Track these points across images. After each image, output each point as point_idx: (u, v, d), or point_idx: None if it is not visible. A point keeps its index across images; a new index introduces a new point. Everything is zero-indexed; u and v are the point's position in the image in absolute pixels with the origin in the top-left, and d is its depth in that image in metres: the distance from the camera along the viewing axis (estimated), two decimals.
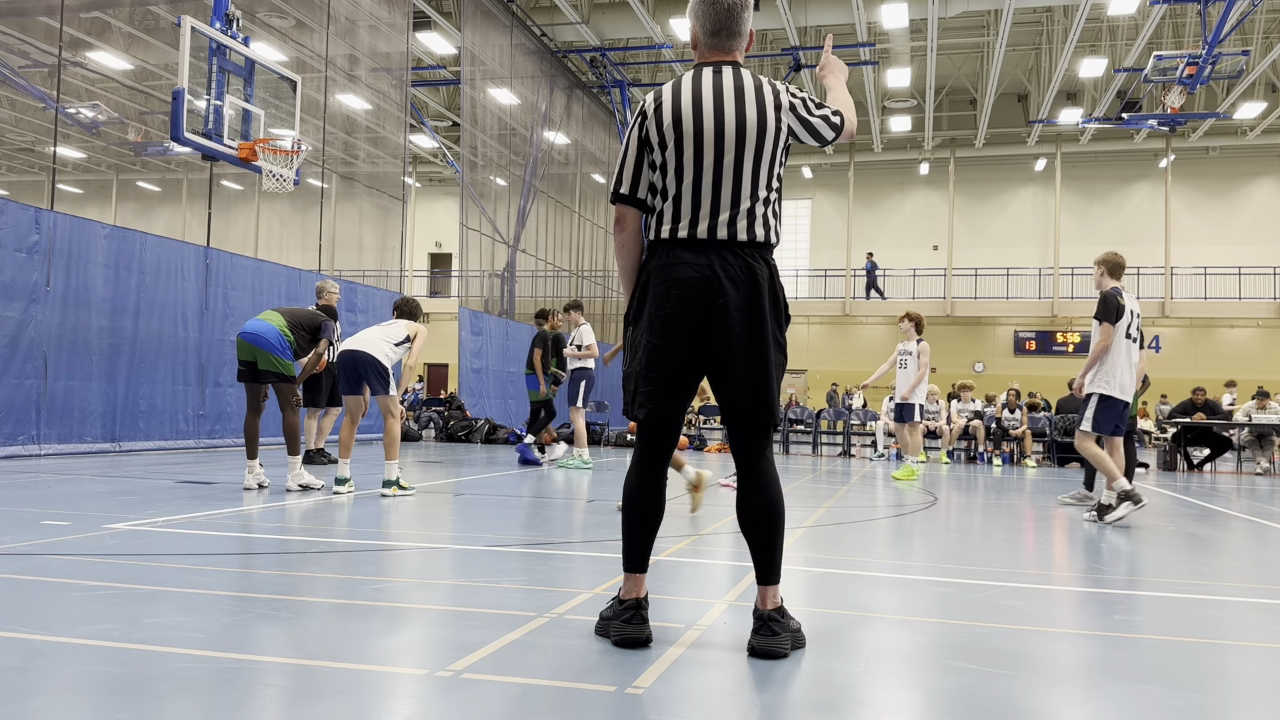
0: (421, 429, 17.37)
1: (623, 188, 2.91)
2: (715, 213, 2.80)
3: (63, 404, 9.88)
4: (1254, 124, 29.16)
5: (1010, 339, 32.23)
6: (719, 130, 2.79)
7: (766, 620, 2.77)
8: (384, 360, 6.84)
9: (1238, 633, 3.44)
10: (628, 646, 2.80)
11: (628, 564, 2.89)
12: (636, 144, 2.89)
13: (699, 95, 2.82)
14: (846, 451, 17.09)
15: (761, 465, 2.84)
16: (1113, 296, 6.84)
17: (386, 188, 18.27)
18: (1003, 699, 2.46)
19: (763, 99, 2.82)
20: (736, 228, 2.79)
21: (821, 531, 5.78)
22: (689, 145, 2.80)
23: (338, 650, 2.71)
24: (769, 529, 2.81)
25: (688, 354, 2.81)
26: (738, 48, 2.94)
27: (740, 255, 2.79)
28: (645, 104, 2.90)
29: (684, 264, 2.79)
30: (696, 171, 2.80)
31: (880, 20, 20.64)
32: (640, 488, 2.89)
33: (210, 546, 4.46)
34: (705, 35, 2.92)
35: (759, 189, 2.82)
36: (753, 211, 2.81)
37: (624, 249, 2.95)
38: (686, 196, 2.81)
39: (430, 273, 37.19)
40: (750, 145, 2.79)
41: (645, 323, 2.84)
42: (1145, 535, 6.27)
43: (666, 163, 2.83)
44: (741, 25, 2.92)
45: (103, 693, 2.28)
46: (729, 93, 2.82)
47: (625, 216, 2.92)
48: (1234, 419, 15.23)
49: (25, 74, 18.49)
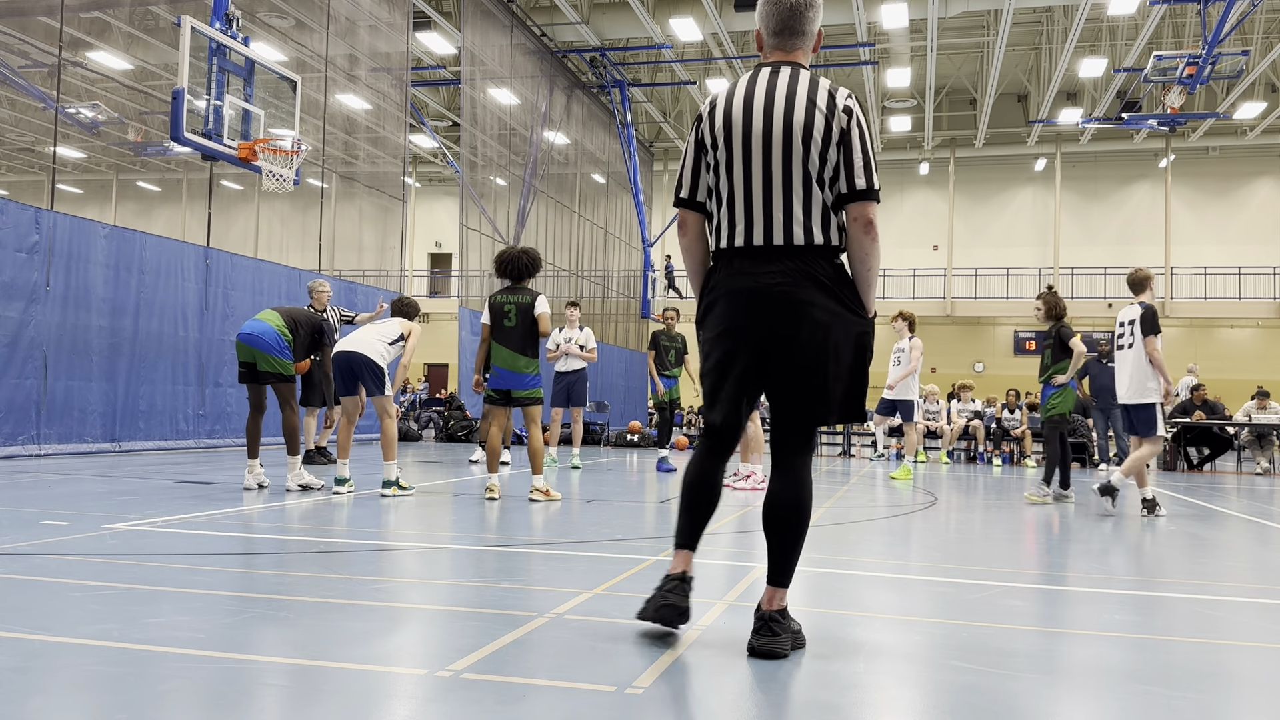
0: (421, 429, 17.37)
1: (683, 192, 2.91)
2: (769, 219, 2.76)
3: (63, 404, 9.88)
4: (1254, 124, 29.16)
5: (1010, 339, 32.23)
6: (766, 131, 2.75)
7: (768, 620, 2.77)
8: (379, 360, 6.84)
9: (1238, 633, 3.44)
10: (663, 612, 2.84)
11: (679, 540, 2.97)
12: (695, 147, 2.89)
13: (751, 96, 2.79)
14: (846, 451, 17.09)
15: (796, 465, 2.84)
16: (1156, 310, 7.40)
17: (386, 188, 18.26)
18: (1003, 699, 2.46)
19: (814, 101, 2.73)
20: (792, 233, 2.75)
21: (821, 531, 5.78)
22: (738, 148, 2.78)
23: (337, 650, 2.71)
24: (792, 529, 2.80)
25: (751, 360, 2.81)
26: (800, 47, 2.89)
27: (796, 260, 2.75)
28: (704, 106, 2.90)
29: (743, 274, 2.79)
30: (746, 175, 2.78)
31: (880, 20, 20.63)
32: (703, 472, 2.96)
33: (210, 546, 4.46)
34: (768, 35, 2.90)
35: (811, 193, 2.74)
36: (808, 216, 2.74)
37: (688, 252, 2.98)
38: (740, 202, 2.79)
39: (430, 273, 37.19)
40: (797, 149, 2.72)
41: (712, 332, 2.88)
42: (1145, 535, 6.28)
43: (719, 164, 2.82)
44: (805, 25, 2.88)
45: (103, 693, 2.28)
46: (780, 93, 2.76)
47: (686, 220, 2.94)
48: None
49: (25, 74, 18.48)
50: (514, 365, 6.80)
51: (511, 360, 6.80)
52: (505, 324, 6.82)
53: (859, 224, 2.75)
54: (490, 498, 6.85)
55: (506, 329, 6.81)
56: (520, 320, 6.79)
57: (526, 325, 6.80)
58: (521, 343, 6.80)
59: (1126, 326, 7.43)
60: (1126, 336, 7.40)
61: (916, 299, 32.24)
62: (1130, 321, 7.40)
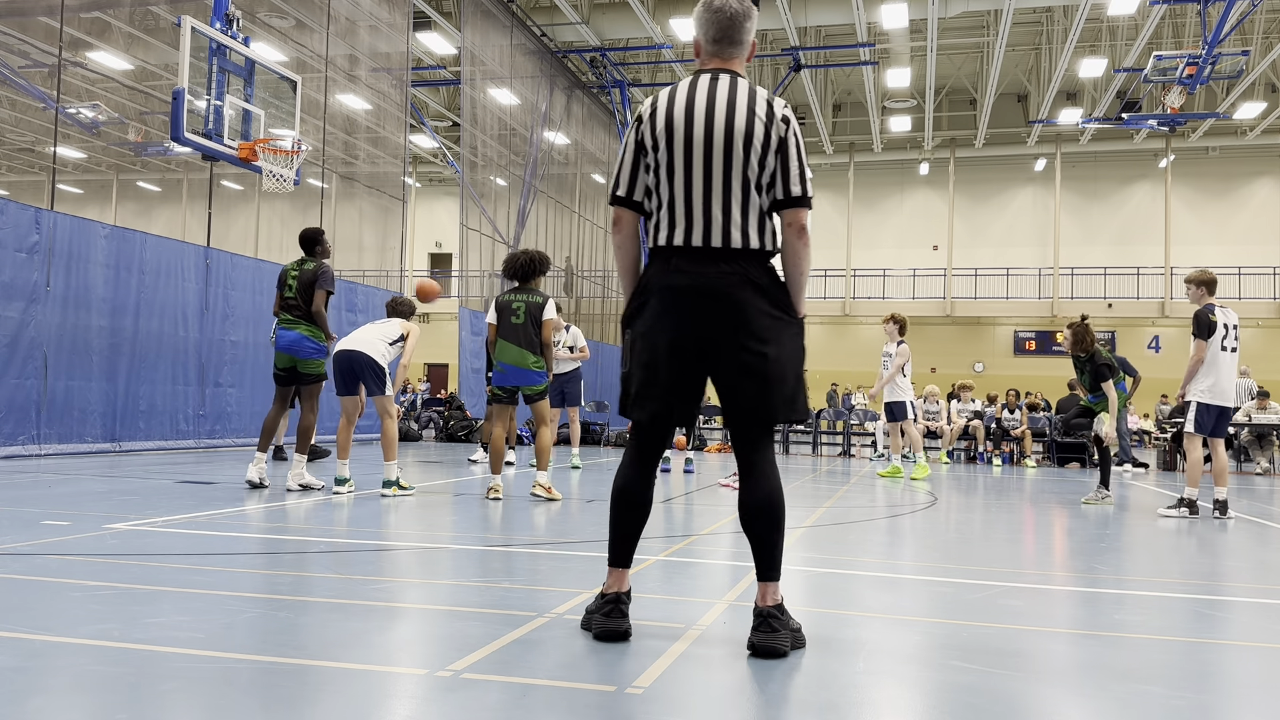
0: (422, 429, 17.37)
1: (620, 190, 2.94)
2: (707, 221, 2.82)
3: (63, 404, 9.88)
4: (1254, 124, 29.16)
5: (1010, 339, 32.23)
6: (708, 137, 2.81)
7: (766, 617, 2.79)
8: (380, 360, 6.85)
9: (1238, 633, 3.44)
10: (606, 639, 2.85)
11: (612, 558, 2.95)
12: (634, 147, 2.92)
13: (692, 101, 2.85)
14: (846, 451, 17.09)
15: (761, 462, 2.88)
16: (1204, 314, 7.31)
17: (386, 188, 18.26)
18: (1003, 699, 2.46)
19: (754, 109, 2.82)
20: (730, 236, 2.82)
21: (821, 531, 5.78)
22: (679, 151, 2.83)
23: (338, 650, 2.71)
24: (769, 525, 2.84)
25: (685, 360, 2.85)
26: (737, 56, 2.96)
27: (734, 263, 2.82)
28: (643, 108, 2.94)
29: (680, 272, 2.83)
30: (687, 178, 2.83)
31: (880, 20, 20.63)
32: (630, 485, 2.95)
33: (210, 546, 4.46)
34: (707, 43, 2.96)
35: (750, 198, 2.83)
36: (745, 220, 2.82)
37: (621, 250, 3.00)
38: (680, 203, 2.85)
39: (430, 273, 37.18)
40: (738, 154, 2.80)
41: (644, 328, 2.89)
42: (1145, 535, 6.28)
43: (659, 166, 2.87)
44: (743, 35, 2.95)
45: (103, 693, 2.28)
46: (721, 100, 2.83)
47: (621, 219, 2.96)
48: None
49: (25, 74, 18.48)
50: (522, 362, 6.80)
51: (520, 357, 6.80)
52: (513, 320, 6.82)
53: (793, 229, 2.85)
54: (494, 498, 6.85)
55: (514, 325, 6.82)
56: (528, 318, 6.81)
57: (535, 323, 6.81)
58: (529, 340, 6.80)
59: (1233, 330, 7.40)
60: (1231, 339, 7.39)
61: (916, 299, 32.24)
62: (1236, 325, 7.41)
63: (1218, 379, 7.30)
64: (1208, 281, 7.44)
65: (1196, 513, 7.31)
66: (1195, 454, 7.42)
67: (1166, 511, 7.33)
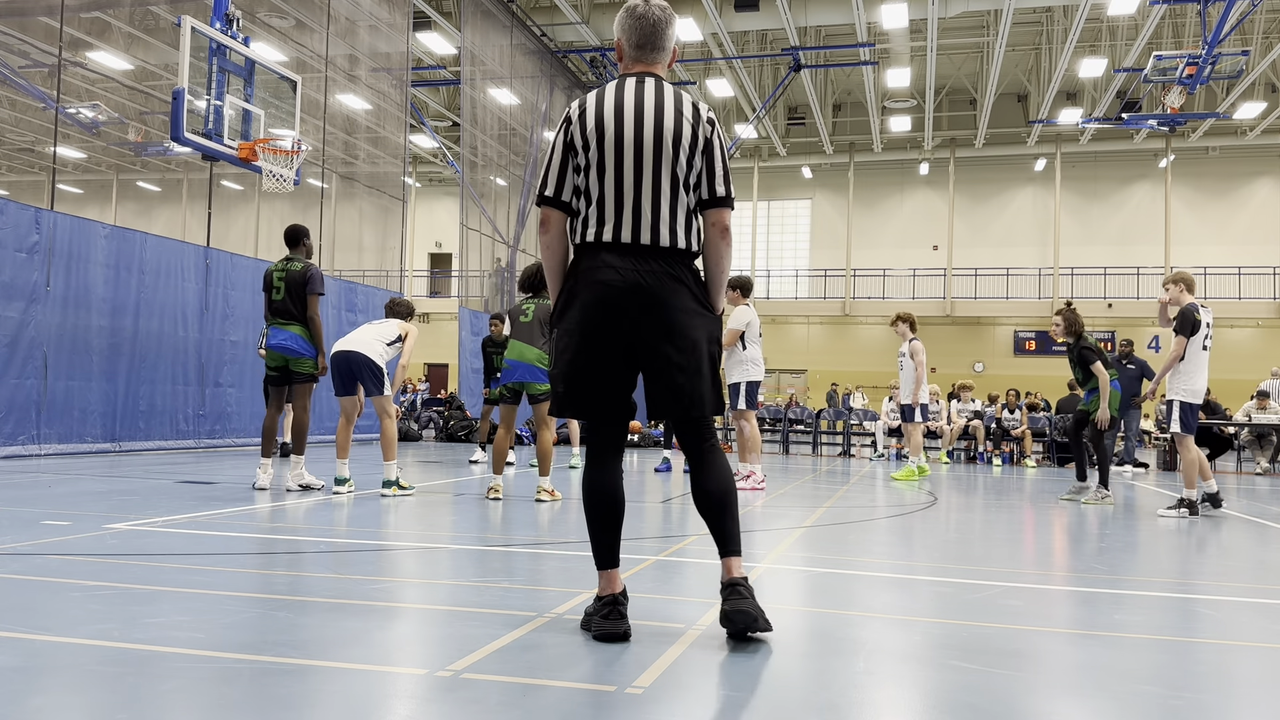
0: (421, 429, 17.37)
1: (548, 190, 2.97)
2: (637, 218, 2.90)
3: (63, 404, 9.89)
4: (1254, 124, 29.16)
5: (1010, 339, 32.23)
6: (638, 138, 2.89)
7: (734, 586, 2.87)
8: (378, 360, 6.85)
9: (1238, 633, 3.44)
10: (606, 641, 2.86)
11: (599, 561, 2.98)
12: (562, 148, 2.97)
13: (621, 103, 2.93)
14: (846, 451, 17.09)
15: (706, 450, 2.99)
16: (1190, 312, 7.34)
17: (386, 188, 18.27)
18: (1003, 699, 2.46)
19: (681, 111, 2.92)
20: (659, 234, 2.90)
21: (821, 531, 5.78)
22: (610, 151, 2.90)
23: (338, 650, 2.71)
24: (721, 507, 2.96)
25: (617, 353, 2.91)
26: (660, 61, 3.06)
27: (661, 261, 2.90)
28: (571, 110, 2.99)
29: (609, 267, 2.89)
30: (617, 177, 2.90)
31: (880, 20, 20.63)
32: (596, 485, 2.99)
33: (210, 546, 4.47)
34: (630, 48, 3.05)
35: (679, 197, 2.92)
36: (674, 219, 2.91)
37: (549, 250, 3.03)
38: (610, 201, 2.91)
39: (430, 273, 37.19)
40: (668, 154, 2.90)
41: (573, 325, 2.94)
42: (1145, 535, 6.28)
43: (590, 166, 2.93)
44: (665, 40, 3.04)
45: (103, 693, 2.28)
46: (649, 103, 2.92)
47: (550, 218, 2.99)
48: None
49: (25, 74, 18.49)
50: (526, 357, 6.83)
51: (524, 352, 6.85)
52: (521, 319, 6.95)
53: (717, 229, 2.97)
54: (494, 498, 6.86)
55: (522, 324, 6.93)
56: (536, 319, 6.90)
57: (543, 325, 6.90)
58: (534, 338, 6.86)
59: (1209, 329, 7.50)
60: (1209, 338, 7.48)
61: (916, 299, 32.24)
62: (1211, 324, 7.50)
63: (1198, 377, 7.34)
64: (1187, 281, 7.50)
65: (1196, 513, 7.31)
66: (1191, 453, 7.42)
67: (1164, 512, 7.32)
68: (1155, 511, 7.61)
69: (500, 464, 7.02)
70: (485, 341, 11.17)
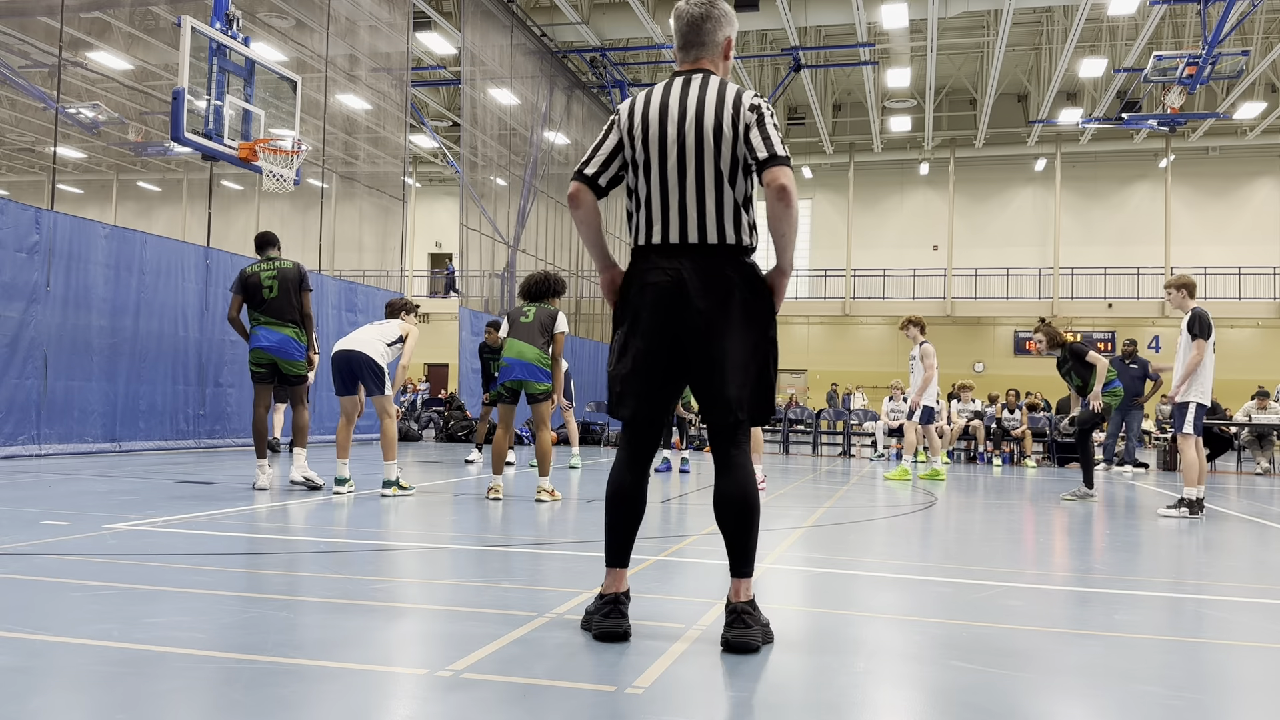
0: (421, 429, 17.37)
1: (589, 169, 2.97)
2: (683, 218, 2.88)
3: (63, 404, 9.88)
4: (1254, 124, 29.16)
5: (1010, 339, 32.23)
6: (680, 137, 2.87)
7: (740, 613, 2.82)
8: (379, 359, 6.85)
9: (1238, 633, 3.44)
10: (606, 640, 2.86)
11: (609, 558, 2.98)
12: (616, 139, 2.97)
13: (666, 103, 2.92)
14: (846, 452, 17.09)
15: (734, 457, 2.92)
16: (1206, 314, 7.47)
17: (386, 188, 18.26)
18: (1003, 698, 2.46)
19: (722, 103, 2.87)
20: (706, 231, 2.87)
21: (821, 531, 5.78)
22: (655, 151, 2.90)
23: (338, 650, 2.71)
24: (742, 520, 2.88)
25: (665, 356, 2.90)
26: (705, 56, 3.03)
27: (710, 258, 2.87)
28: (621, 109, 3.00)
29: (657, 269, 2.89)
30: (662, 178, 2.90)
31: (880, 20, 20.63)
32: (623, 484, 2.98)
33: (210, 546, 4.46)
34: (676, 49, 3.07)
35: (724, 192, 2.87)
36: (720, 215, 2.87)
37: (584, 224, 3.01)
38: (656, 202, 2.91)
39: (430, 273, 37.18)
40: (709, 150, 2.86)
41: (626, 326, 2.95)
42: (1145, 535, 6.28)
43: (637, 166, 2.93)
44: (706, 36, 3.01)
45: (103, 693, 2.28)
46: (693, 100, 2.90)
47: (580, 195, 2.96)
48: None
49: (25, 74, 18.49)
50: (526, 355, 6.83)
51: (524, 350, 6.85)
52: (522, 319, 6.98)
53: (773, 190, 2.83)
54: (494, 498, 6.86)
55: (522, 324, 6.96)
56: (537, 320, 6.93)
57: (543, 326, 6.91)
58: (534, 338, 6.88)
59: None
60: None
61: (916, 299, 32.24)
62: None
63: (1210, 379, 7.43)
64: (1189, 285, 7.57)
65: (1196, 512, 7.32)
66: (1193, 454, 7.45)
67: (1166, 512, 7.33)
68: (1156, 511, 7.61)
69: (499, 464, 7.02)
70: (481, 347, 11.18)
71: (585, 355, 22.24)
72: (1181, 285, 7.56)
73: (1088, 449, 8.63)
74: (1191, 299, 7.54)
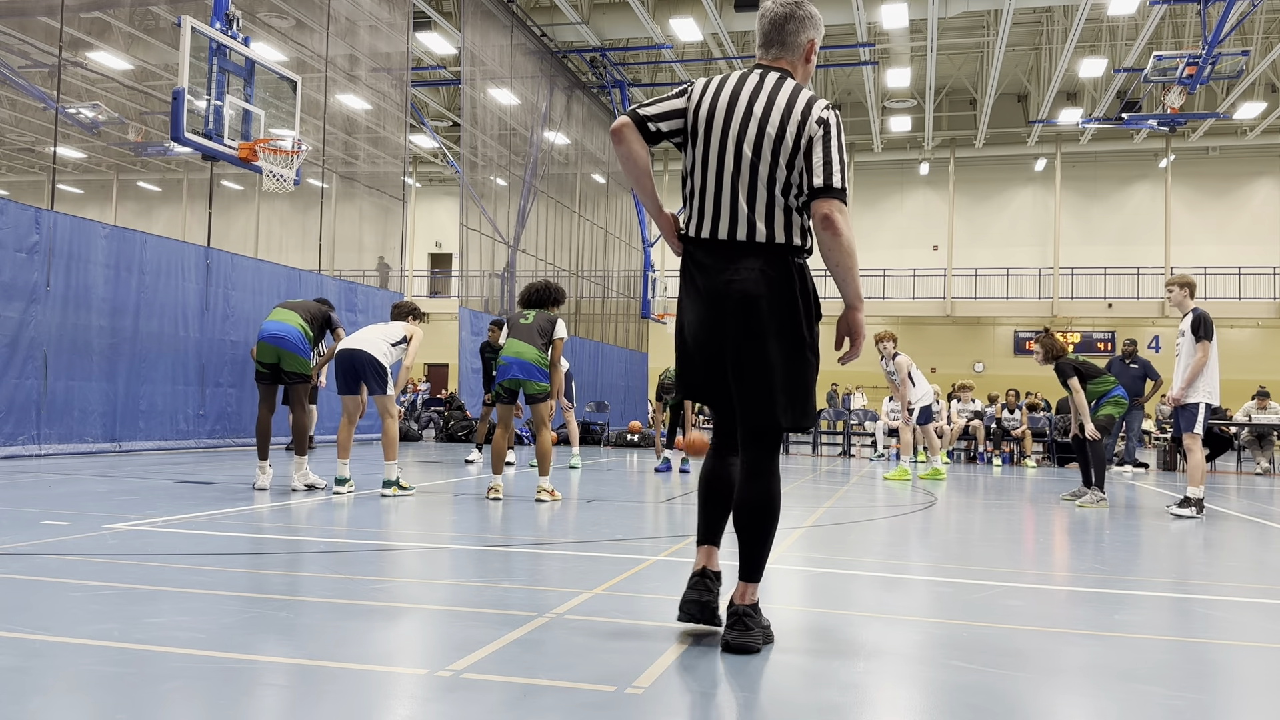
0: (421, 429, 17.37)
1: (644, 110, 2.90)
2: (732, 215, 2.85)
3: (63, 404, 9.88)
4: (1254, 124, 29.16)
5: (1010, 339, 32.23)
6: (740, 136, 2.84)
7: (741, 615, 2.83)
8: (382, 359, 6.85)
9: (1238, 633, 3.44)
10: (686, 611, 2.93)
11: (699, 537, 3.05)
12: (681, 106, 2.93)
13: (736, 94, 2.89)
14: (846, 452, 17.09)
15: (765, 463, 2.91)
16: (1209, 315, 7.49)
17: (386, 188, 18.26)
18: (1003, 698, 2.46)
19: (791, 109, 2.82)
20: (754, 230, 2.84)
21: (821, 531, 5.78)
22: (715, 145, 2.87)
23: (338, 650, 2.71)
24: (762, 528, 2.88)
25: (706, 352, 2.93)
26: (785, 57, 3.01)
27: (753, 257, 2.84)
28: (694, 89, 2.95)
29: (701, 266, 2.90)
30: (717, 172, 2.87)
31: (880, 20, 20.62)
32: (707, 470, 3.07)
33: (210, 546, 4.46)
34: (758, 44, 3.05)
35: (774, 197, 2.83)
36: (770, 215, 2.83)
37: (628, 160, 2.91)
38: (709, 196, 2.89)
39: (430, 273, 37.18)
40: (766, 154, 2.81)
41: (679, 317, 3.02)
42: (1145, 535, 6.28)
43: (695, 150, 2.91)
44: (788, 36, 2.99)
45: (103, 693, 2.28)
46: (762, 97, 2.86)
47: (624, 130, 2.88)
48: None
49: (25, 74, 18.48)
50: (525, 355, 6.83)
51: (523, 349, 6.85)
52: (521, 321, 7.02)
53: (817, 220, 2.82)
54: (494, 498, 6.86)
55: (521, 325, 6.99)
56: (536, 322, 6.96)
57: (542, 330, 6.93)
58: (533, 338, 6.89)
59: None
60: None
61: (916, 299, 32.24)
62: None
63: (1216, 378, 7.43)
64: (1191, 284, 7.58)
65: (1203, 511, 7.32)
66: (1199, 454, 7.45)
67: (1179, 512, 7.30)
68: (1166, 507, 7.62)
69: (499, 464, 7.02)
70: (483, 346, 11.18)
71: (585, 355, 22.24)
72: (1184, 284, 7.56)
73: (1099, 451, 8.53)
74: (1192, 299, 7.54)
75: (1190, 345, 7.42)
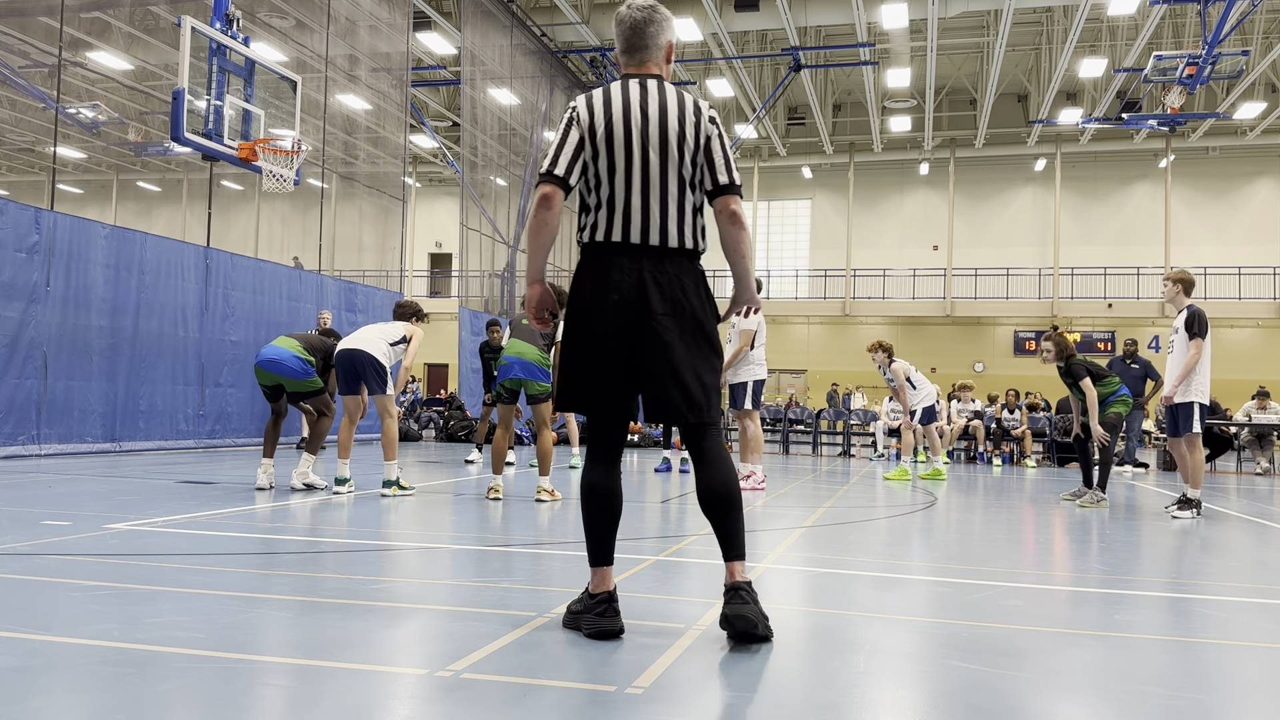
0: (421, 429, 17.37)
1: (558, 170, 2.94)
2: (646, 219, 2.93)
3: (63, 404, 9.88)
4: (1254, 124, 29.16)
5: (1010, 339, 32.23)
6: (644, 140, 2.93)
7: (738, 589, 2.87)
8: (382, 359, 6.85)
9: (1238, 633, 3.44)
10: (602, 639, 2.88)
11: (593, 559, 3.02)
12: (578, 136, 2.96)
13: (628, 104, 2.96)
14: (846, 452, 17.09)
15: (708, 450, 2.99)
16: (1203, 313, 7.41)
17: (386, 188, 18.26)
18: (1003, 698, 2.46)
19: (684, 111, 2.95)
20: (668, 234, 2.94)
21: (822, 531, 5.78)
22: (620, 153, 2.93)
23: (338, 650, 2.71)
24: (725, 505, 2.95)
25: (618, 353, 2.93)
26: (651, 60, 3.08)
27: (669, 262, 2.94)
28: (577, 108, 2.98)
29: (616, 268, 2.93)
30: (627, 179, 2.93)
31: (880, 20, 20.64)
32: (595, 482, 3.03)
33: (210, 546, 4.47)
34: (620, 53, 3.11)
35: (686, 197, 2.96)
36: (682, 219, 2.95)
37: (548, 227, 2.98)
38: (620, 203, 2.94)
39: (430, 273, 37.19)
40: (673, 155, 2.93)
41: (580, 322, 2.97)
42: (1145, 535, 6.28)
43: (599, 168, 2.95)
44: (648, 39, 3.06)
45: (103, 693, 2.28)
46: (654, 104, 2.96)
47: (554, 197, 2.94)
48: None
49: (25, 74, 18.48)
50: (526, 355, 6.83)
51: (525, 350, 6.86)
52: (523, 322, 7.03)
53: (725, 215, 2.96)
54: (494, 498, 6.86)
55: (523, 326, 7.02)
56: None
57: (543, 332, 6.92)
58: (536, 339, 6.90)
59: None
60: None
61: (916, 299, 32.24)
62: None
63: (1208, 378, 7.39)
64: (1188, 281, 7.52)
65: (1201, 511, 7.32)
66: (1199, 454, 7.45)
67: (1179, 513, 7.28)
68: (1165, 508, 7.61)
69: (499, 464, 7.02)
70: (483, 346, 11.19)
71: None
72: (1180, 280, 7.50)
73: (1107, 453, 8.45)
74: (1187, 296, 7.48)
75: (1183, 343, 7.35)
